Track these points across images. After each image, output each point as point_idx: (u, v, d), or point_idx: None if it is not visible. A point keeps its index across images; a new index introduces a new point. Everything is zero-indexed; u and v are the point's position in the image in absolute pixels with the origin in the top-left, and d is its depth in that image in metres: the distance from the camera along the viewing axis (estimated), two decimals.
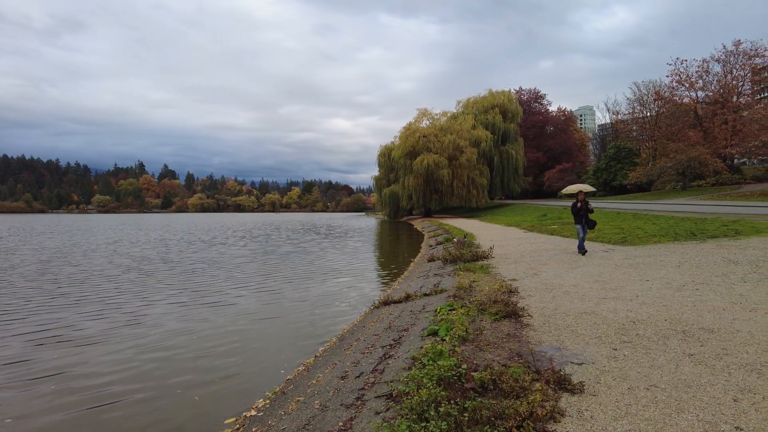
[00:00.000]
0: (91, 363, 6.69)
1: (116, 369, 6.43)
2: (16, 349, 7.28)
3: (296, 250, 24.28)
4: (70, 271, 15.89)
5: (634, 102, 62.73)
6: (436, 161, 53.58)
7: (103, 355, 7.06)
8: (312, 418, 4.02)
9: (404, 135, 58.94)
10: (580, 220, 12.51)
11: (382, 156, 64.53)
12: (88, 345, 7.53)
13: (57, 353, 7.12)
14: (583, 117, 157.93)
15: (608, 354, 4.52)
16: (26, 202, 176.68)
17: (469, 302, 6.97)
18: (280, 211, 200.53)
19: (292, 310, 9.99)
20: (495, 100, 62.80)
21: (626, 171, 51.97)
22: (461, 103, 66.56)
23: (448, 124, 59.47)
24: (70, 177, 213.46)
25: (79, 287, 12.68)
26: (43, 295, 11.63)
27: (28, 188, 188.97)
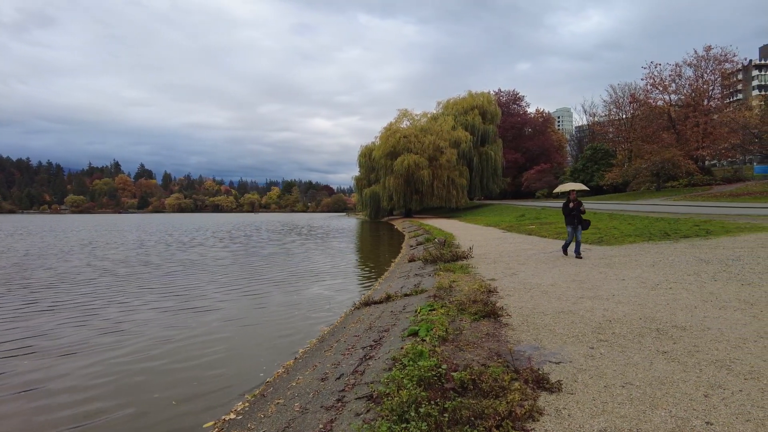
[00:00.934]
0: (64, 369, 6.52)
1: (91, 373, 6.29)
2: None
3: (277, 251, 24.10)
4: (42, 275, 15.49)
5: (610, 104, 64.08)
6: (416, 162, 53.82)
7: (77, 360, 6.89)
8: (292, 421, 4.00)
9: (385, 135, 59.04)
10: (572, 220, 11.69)
11: (363, 156, 64.50)
12: (63, 353, 7.35)
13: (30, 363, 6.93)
14: (561, 119, 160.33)
15: (585, 353, 4.60)
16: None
17: (449, 302, 7.01)
18: (259, 212, 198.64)
19: (271, 312, 9.91)
20: (474, 101, 63.36)
21: (603, 172, 52.96)
22: (441, 104, 67.03)
23: (429, 125, 59.79)
24: (42, 176, 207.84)
25: (51, 292, 12.36)
26: (13, 301, 11.30)
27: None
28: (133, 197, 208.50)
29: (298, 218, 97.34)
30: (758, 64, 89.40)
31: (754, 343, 4.59)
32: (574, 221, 11.57)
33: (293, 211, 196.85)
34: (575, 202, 11.67)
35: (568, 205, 11.72)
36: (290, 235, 36.62)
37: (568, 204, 11.73)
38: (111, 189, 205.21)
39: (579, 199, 11.79)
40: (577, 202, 11.66)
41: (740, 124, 41.52)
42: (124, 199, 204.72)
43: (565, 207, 11.82)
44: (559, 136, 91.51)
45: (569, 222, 11.74)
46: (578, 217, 11.54)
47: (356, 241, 32.37)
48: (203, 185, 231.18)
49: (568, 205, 11.72)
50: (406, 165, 53.68)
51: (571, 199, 11.76)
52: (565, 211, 11.82)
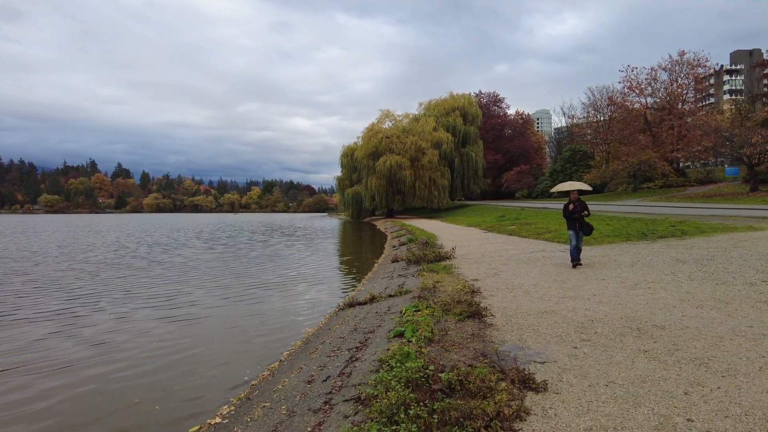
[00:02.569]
0: (42, 372, 6.38)
1: (73, 380, 6.16)
2: None
3: (261, 253, 23.89)
4: (18, 280, 15.09)
5: (588, 107, 65.40)
6: (398, 162, 53.92)
7: (57, 365, 6.74)
8: (279, 424, 3.98)
9: (367, 135, 59.01)
10: (573, 224, 10.33)
11: (345, 156, 64.37)
12: (42, 358, 7.18)
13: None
14: (540, 120, 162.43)
15: (569, 352, 4.68)
16: None
17: (434, 303, 7.05)
18: (239, 212, 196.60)
19: (254, 314, 9.83)
20: (456, 102, 63.75)
21: (581, 173, 53.83)
22: (423, 105, 67.26)
23: (411, 126, 59.95)
24: (13, 175, 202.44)
25: (29, 298, 12.06)
26: None
27: None
28: (110, 197, 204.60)
29: (279, 219, 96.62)
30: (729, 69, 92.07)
31: (730, 341, 4.73)
32: (574, 225, 10.32)
33: (274, 212, 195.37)
34: (577, 203, 10.34)
35: (569, 206, 10.41)
36: (273, 236, 36.35)
37: (569, 205, 10.42)
38: (87, 188, 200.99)
39: (581, 200, 10.48)
40: (578, 203, 10.33)
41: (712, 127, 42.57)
42: (101, 199, 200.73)
43: (566, 209, 10.51)
44: (539, 137, 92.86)
45: (571, 226, 10.42)
46: (580, 221, 10.26)
47: (339, 241, 32.30)
48: (182, 185, 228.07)
49: (569, 206, 10.41)
50: (389, 165, 53.73)
51: (571, 200, 10.45)
52: (565, 214, 10.54)
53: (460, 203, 65.05)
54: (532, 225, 21.89)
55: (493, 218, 31.57)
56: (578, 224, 10.23)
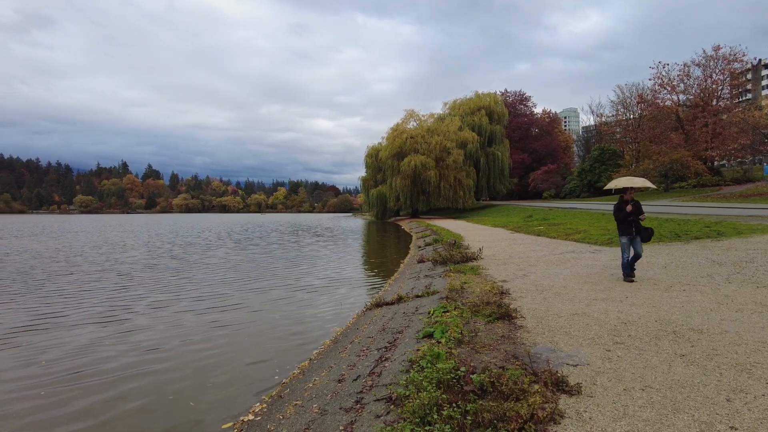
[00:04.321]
0: (81, 366, 6.60)
1: (109, 375, 6.36)
2: None
3: (288, 252, 24.18)
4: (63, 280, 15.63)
5: (617, 104, 63.92)
6: (423, 162, 53.78)
7: (96, 358, 6.97)
8: (311, 422, 4.03)
9: (391, 136, 59.08)
10: (628, 229, 8.53)
11: (370, 157, 64.58)
12: (81, 350, 7.43)
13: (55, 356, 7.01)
14: (568, 119, 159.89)
15: (602, 355, 4.59)
16: (5, 203, 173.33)
17: (462, 304, 7.02)
18: (266, 212, 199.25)
19: (283, 313, 9.95)
20: (481, 102, 63.23)
21: (610, 173, 52.66)
22: (447, 104, 66.95)
23: (435, 126, 59.72)
24: (51, 177, 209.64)
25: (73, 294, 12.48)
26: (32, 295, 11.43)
27: (6, 188, 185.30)
28: (141, 197, 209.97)
29: (305, 219, 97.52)
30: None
31: None
32: (630, 230, 8.54)
33: (299, 212, 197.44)
34: (633, 203, 8.58)
35: (623, 207, 8.60)
36: (301, 236, 36.73)
37: (623, 206, 8.62)
38: (119, 189, 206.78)
39: (637, 200, 8.76)
40: (635, 203, 8.58)
41: (750, 124, 41.21)
42: (132, 200, 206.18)
43: (619, 211, 8.67)
44: (566, 136, 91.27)
45: (625, 231, 8.61)
46: (636, 225, 8.54)
47: (364, 241, 32.43)
48: (210, 186, 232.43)
49: (623, 207, 8.60)
50: (413, 165, 53.65)
51: (626, 200, 8.66)
52: (618, 217, 8.69)
53: (485, 203, 64.52)
54: (561, 225, 21.57)
55: (520, 218, 31.22)
56: (635, 228, 8.53)
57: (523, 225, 25.21)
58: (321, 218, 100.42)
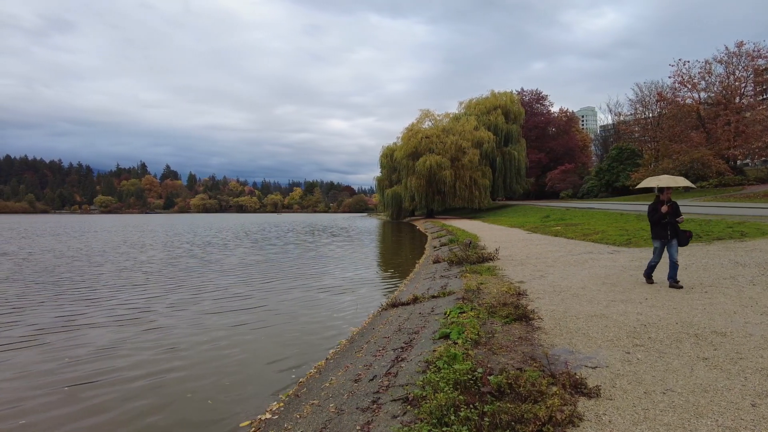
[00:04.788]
0: (100, 367, 6.72)
1: (128, 373, 6.46)
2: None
3: (305, 251, 24.32)
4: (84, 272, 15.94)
5: (636, 103, 62.89)
6: (438, 162, 53.63)
7: (115, 357, 7.09)
8: (328, 422, 4.04)
9: (406, 136, 59.06)
10: (662, 231, 7.88)
11: (385, 157, 64.64)
12: (100, 349, 7.57)
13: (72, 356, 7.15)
14: (585, 118, 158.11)
15: (621, 357, 4.53)
16: (29, 203, 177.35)
17: (479, 305, 6.98)
18: (282, 212, 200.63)
19: (299, 313, 10.00)
20: (497, 101, 62.80)
21: (628, 172, 51.91)
22: (463, 104, 66.66)
23: (451, 125, 59.52)
24: (72, 177, 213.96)
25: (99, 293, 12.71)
26: (55, 295, 11.68)
27: (30, 188, 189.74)
28: (159, 198, 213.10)
29: (321, 219, 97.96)
30: None
31: None
32: (665, 233, 7.87)
33: (315, 212, 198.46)
34: (670, 204, 7.90)
35: (660, 208, 7.91)
36: (317, 236, 36.92)
37: (659, 206, 7.95)
38: (138, 190, 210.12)
39: (675, 201, 8.11)
40: (672, 204, 7.92)
41: None
42: (150, 200, 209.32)
43: (653, 211, 8.00)
44: (584, 135, 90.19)
45: (659, 234, 7.97)
46: (673, 227, 7.86)
47: (380, 241, 32.46)
48: (227, 186, 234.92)
49: (660, 208, 7.91)
50: (428, 165, 53.53)
51: (662, 200, 7.98)
52: (653, 218, 8.00)
53: (501, 203, 64.11)
54: (578, 226, 21.33)
55: (536, 219, 30.95)
56: (671, 231, 7.84)
57: (540, 225, 24.99)
58: (336, 218, 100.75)
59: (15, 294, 11.76)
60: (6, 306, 10.55)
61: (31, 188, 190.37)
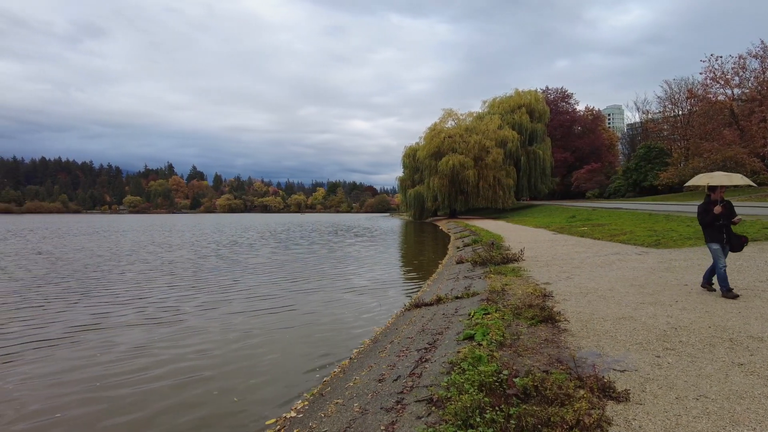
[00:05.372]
0: (129, 365, 6.89)
1: (155, 371, 6.60)
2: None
3: (328, 251, 24.50)
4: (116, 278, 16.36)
5: (665, 100, 61.44)
6: (461, 162, 53.26)
7: (143, 357, 7.25)
8: (353, 421, 4.06)
9: (429, 135, 58.81)
10: (718, 234, 7.03)
11: (407, 157, 64.59)
12: (130, 348, 7.75)
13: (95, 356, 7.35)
14: (612, 116, 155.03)
15: (651, 361, 4.42)
16: (62, 203, 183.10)
17: (503, 306, 6.91)
18: (305, 212, 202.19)
19: (324, 312, 10.08)
20: (521, 99, 62.02)
21: (657, 172, 50.70)
22: (487, 103, 66.01)
23: (474, 125, 59.04)
24: (103, 178, 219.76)
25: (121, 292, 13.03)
26: (88, 293, 12.02)
27: (64, 189, 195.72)
28: (186, 198, 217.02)
29: (344, 219, 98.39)
30: None
31: None
32: (722, 235, 7.05)
33: (338, 212, 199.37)
34: (723, 204, 7.05)
35: (714, 208, 6.98)
36: (341, 236, 37.12)
37: (710, 207, 7.06)
38: (165, 190, 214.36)
39: (728, 200, 7.28)
40: (725, 204, 7.07)
41: None
42: (177, 200, 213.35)
43: (704, 212, 7.12)
44: (611, 134, 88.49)
45: (715, 237, 7.08)
46: (727, 229, 7.07)
47: (402, 241, 32.45)
48: (252, 186, 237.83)
49: (714, 208, 6.98)
50: (451, 165, 53.21)
51: (714, 200, 7.12)
52: (705, 220, 7.11)
53: (526, 203, 63.32)
54: (605, 226, 20.91)
55: (562, 219, 30.47)
56: (726, 233, 7.07)
57: (566, 226, 24.59)
58: (359, 218, 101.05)
59: (53, 293, 12.13)
60: (44, 304, 10.90)
61: (64, 189, 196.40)
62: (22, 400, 5.52)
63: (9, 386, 5.91)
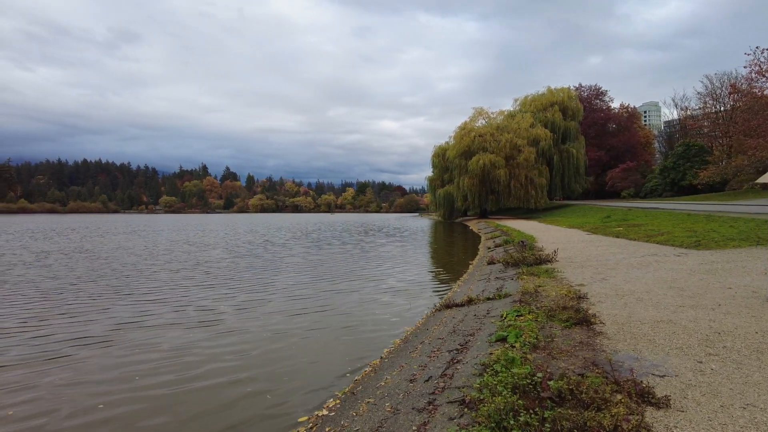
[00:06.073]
0: (164, 362, 7.08)
1: (188, 366, 6.77)
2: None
3: (361, 250, 24.63)
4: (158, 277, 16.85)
5: (705, 96, 59.08)
6: (492, 161, 52.65)
7: (177, 357, 7.44)
8: (384, 421, 4.06)
9: (459, 135, 58.36)
10: None
11: (436, 156, 64.31)
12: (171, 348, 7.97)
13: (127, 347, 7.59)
14: (648, 114, 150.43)
15: (693, 367, 4.27)
16: (102, 203, 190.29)
17: (537, 308, 6.80)
18: (335, 212, 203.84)
19: (355, 311, 10.13)
20: (554, 97, 60.90)
21: (696, 170, 48.92)
22: (518, 101, 65.07)
23: (505, 123, 58.27)
24: (140, 179, 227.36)
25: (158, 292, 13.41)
26: (127, 293, 12.43)
27: (103, 190, 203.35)
28: (219, 198, 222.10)
29: (373, 219, 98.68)
30: None
31: None
32: None
33: (367, 212, 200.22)
34: None
35: None
36: (371, 236, 37.26)
37: None
38: (199, 190, 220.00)
39: None
40: None
41: None
42: (211, 200, 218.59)
43: None
44: (647, 132, 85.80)
45: None
46: None
47: (432, 241, 32.33)
48: (284, 186, 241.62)
49: None
50: (482, 164, 52.66)
51: None
52: None
53: (559, 203, 62.13)
54: (642, 227, 20.33)
55: (596, 219, 29.77)
56: None
57: (601, 226, 24.01)
58: (388, 218, 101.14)
59: (94, 291, 12.52)
60: (86, 302, 11.31)
61: (104, 189, 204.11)
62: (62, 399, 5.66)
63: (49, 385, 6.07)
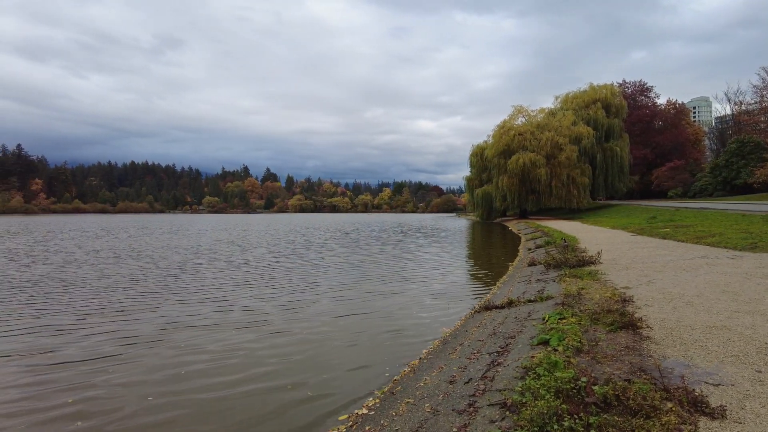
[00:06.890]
0: (209, 364, 7.30)
1: (228, 363, 6.95)
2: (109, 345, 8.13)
3: (400, 251, 24.71)
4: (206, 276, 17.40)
5: (762, 89, 56.24)
6: (532, 160, 51.65)
7: (219, 358, 7.66)
8: (424, 421, 4.06)
9: (498, 133, 57.53)
10: None
11: (474, 156, 63.61)
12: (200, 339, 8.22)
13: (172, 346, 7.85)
14: (697, 109, 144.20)
15: (751, 376, 4.07)
16: (149, 203, 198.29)
17: (580, 311, 6.63)
18: (372, 212, 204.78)
19: (394, 311, 10.16)
20: (596, 94, 59.16)
21: (752, 168, 46.50)
22: (559, 98, 63.55)
23: (546, 121, 57.04)
24: (184, 180, 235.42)
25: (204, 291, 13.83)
26: (173, 292, 12.88)
27: (150, 190, 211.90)
28: (260, 198, 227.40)
29: (410, 219, 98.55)
30: None
31: None
32: None
33: (404, 212, 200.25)
34: None
35: None
36: (409, 236, 37.27)
37: None
38: (241, 191, 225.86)
39: None
40: None
41: None
42: (252, 200, 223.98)
43: None
44: (696, 128, 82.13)
45: None
46: None
47: (470, 242, 32.02)
48: (322, 187, 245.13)
49: None
50: (521, 164, 51.74)
51: None
52: None
53: (602, 203, 60.38)
54: (690, 228, 19.48)
55: (642, 219, 28.74)
56: None
57: (646, 227, 23.15)
58: (425, 218, 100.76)
59: (141, 290, 12.92)
60: (134, 302, 11.76)
61: (150, 190, 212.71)
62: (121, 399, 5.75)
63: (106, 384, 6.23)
